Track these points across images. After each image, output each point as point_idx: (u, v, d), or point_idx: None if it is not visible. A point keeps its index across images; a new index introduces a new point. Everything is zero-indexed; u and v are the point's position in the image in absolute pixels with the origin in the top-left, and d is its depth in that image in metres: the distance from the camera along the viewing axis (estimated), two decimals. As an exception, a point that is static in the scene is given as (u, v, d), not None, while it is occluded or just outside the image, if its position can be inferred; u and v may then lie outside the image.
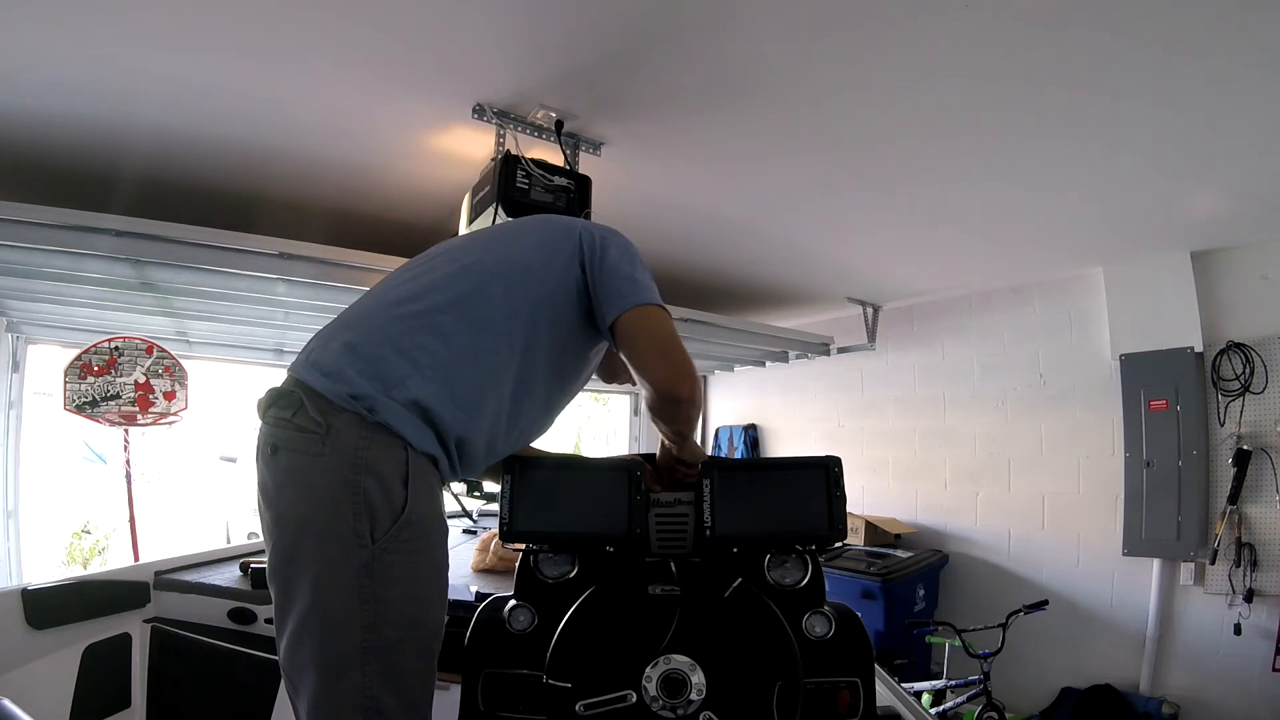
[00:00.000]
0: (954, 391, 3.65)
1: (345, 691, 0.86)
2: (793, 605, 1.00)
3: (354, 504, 0.87)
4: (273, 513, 0.93)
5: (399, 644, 0.89)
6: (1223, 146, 1.90)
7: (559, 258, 1.09)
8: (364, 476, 0.88)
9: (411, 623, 0.90)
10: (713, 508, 1.03)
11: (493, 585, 1.69)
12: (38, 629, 1.61)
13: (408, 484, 0.90)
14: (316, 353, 0.99)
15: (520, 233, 1.18)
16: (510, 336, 1.02)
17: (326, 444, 0.89)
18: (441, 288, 1.04)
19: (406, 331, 0.98)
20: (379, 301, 1.06)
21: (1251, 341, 2.60)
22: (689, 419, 1.09)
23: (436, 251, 1.16)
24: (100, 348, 2.87)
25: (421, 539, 0.92)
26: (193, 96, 1.71)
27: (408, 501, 0.89)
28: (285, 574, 0.90)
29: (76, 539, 4.94)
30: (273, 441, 0.94)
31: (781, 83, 1.61)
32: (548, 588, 1.03)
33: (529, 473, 1.07)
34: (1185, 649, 2.74)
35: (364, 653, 0.86)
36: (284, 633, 0.90)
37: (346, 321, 1.04)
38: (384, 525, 0.88)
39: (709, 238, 2.75)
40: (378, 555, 0.87)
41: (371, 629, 0.87)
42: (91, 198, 2.07)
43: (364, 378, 0.92)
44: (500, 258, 1.09)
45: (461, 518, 2.56)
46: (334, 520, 0.87)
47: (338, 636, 0.86)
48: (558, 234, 1.14)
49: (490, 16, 1.39)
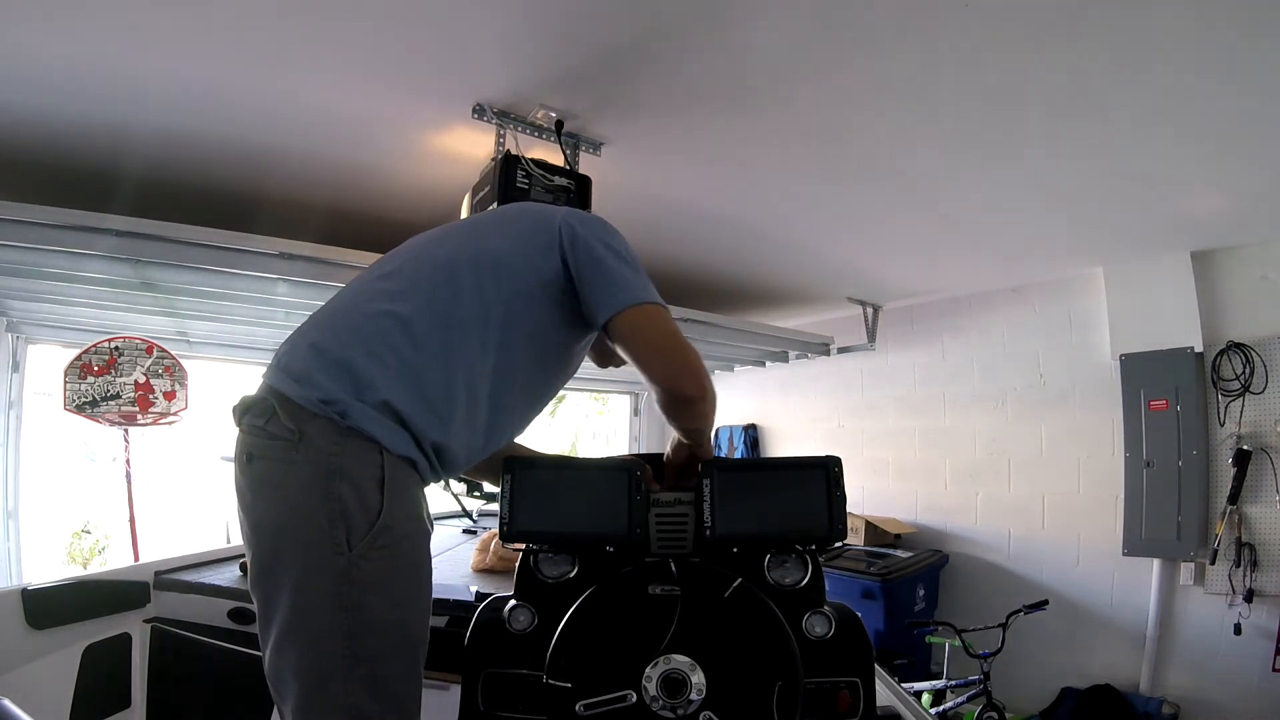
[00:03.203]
0: (954, 391, 3.65)
1: (328, 701, 0.84)
2: (793, 605, 0.99)
3: (329, 511, 0.85)
4: (250, 521, 0.92)
5: (380, 651, 0.87)
6: (1223, 146, 1.90)
7: (536, 248, 1.04)
8: (339, 483, 0.86)
9: (393, 629, 0.88)
10: (713, 508, 1.03)
11: (493, 585, 1.69)
12: (38, 629, 1.60)
13: (384, 489, 0.88)
14: (286, 357, 0.96)
15: (496, 222, 1.13)
16: (483, 334, 0.98)
17: (300, 451, 0.87)
18: (411, 284, 1.00)
19: (376, 332, 0.95)
20: (351, 299, 1.03)
21: (1251, 341, 2.61)
22: (704, 415, 1.04)
23: (412, 244, 1.11)
24: (100, 348, 2.87)
25: (400, 544, 0.90)
26: (193, 96, 1.71)
27: (384, 507, 0.87)
28: (265, 583, 0.89)
29: (76, 539, 4.94)
30: (248, 450, 0.93)
31: (782, 82, 1.61)
32: (548, 588, 1.03)
33: (529, 473, 1.07)
34: (1185, 649, 2.74)
35: (345, 661, 0.84)
36: (267, 641, 0.88)
37: (316, 321, 1.01)
38: (360, 531, 0.86)
39: (709, 237, 2.75)
40: (355, 562, 0.85)
41: (352, 637, 0.85)
42: (92, 198, 2.07)
43: (333, 382, 0.90)
44: (473, 250, 1.04)
45: (460, 518, 2.58)
46: (310, 528, 0.86)
47: (319, 645, 0.85)
48: (536, 223, 1.08)
49: (490, 16, 1.39)
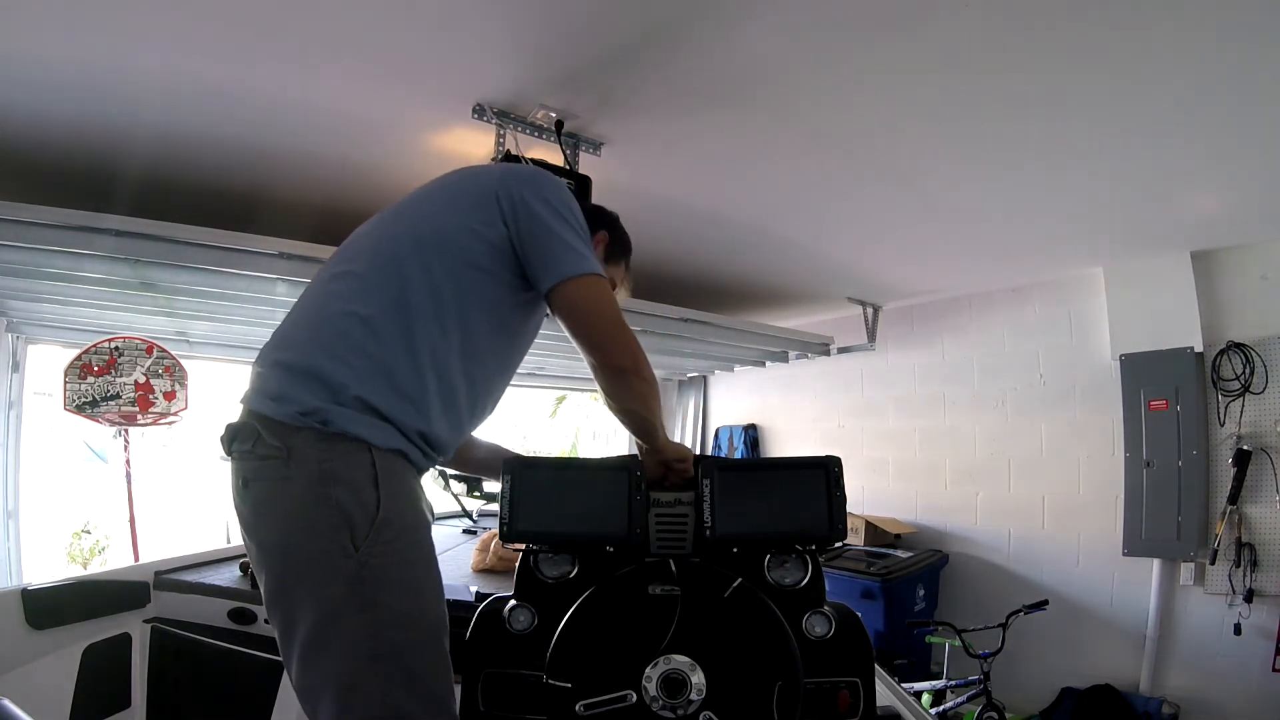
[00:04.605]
0: (954, 391, 3.65)
1: (365, 703, 0.84)
2: (793, 605, 0.99)
3: (329, 517, 0.86)
4: (256, 544, 0.93)
5: (408, 644, 0.88)
6: (1222, 146, 1.90)
7: (476, 217, 1.02)
8: (333, 488, 0.87)
9: (414, 619, 0.89)
10: (713, 508, 1.03)
11: (493, 585, 1.69)
12: (38, 629, 1.60)
13: (378, 485, 0.89)
14: (258, 379, 0.97)
15: (432, 195, 1.10)
16: (440, 314, 0.97)
17: (290, 466, 0.88)
18: (362, 280, 0.99)
19: (337, 335, 0.95)
20: (308, 306, 1.03)
21: (1251, 341, 2.61)
22: (641, 396, 1.03)
23: (358, 235, 1.10)
24: (100, 348, 2.87)
25: (404, 536, 0.91)
26: (193, 96, 1.71)
27: (380, 501, 0.88)
28: (282, 602, 0.89)
29: (76, 539, 4.94)
30: (242, 475, 0.94)
31: (782, 83, 1.61)
32: (548, 588, 1.03)
33: (529, 473, 1.06)
34: (1185, 649, 2.74)
35: (375, 660, 0.85)
36: (292, 657, 0.88)
37: (280, 336, 1.02)
38: (363, 531, 0.87)
39: (709, 238, 2.75)
40: (364, 562, 0.86)
41: (376, 636, 0.85)
42: (92, 198, 2.07)
43: (308, 392, 0.91)
44: (413, 233, 1.02)
45: (460, 518, 2.58)
46: (314, 538, 0.86)
47: (347, 651, 0.85)
48: (473, 191, 1.06)
49: (490, 16, 1.39)
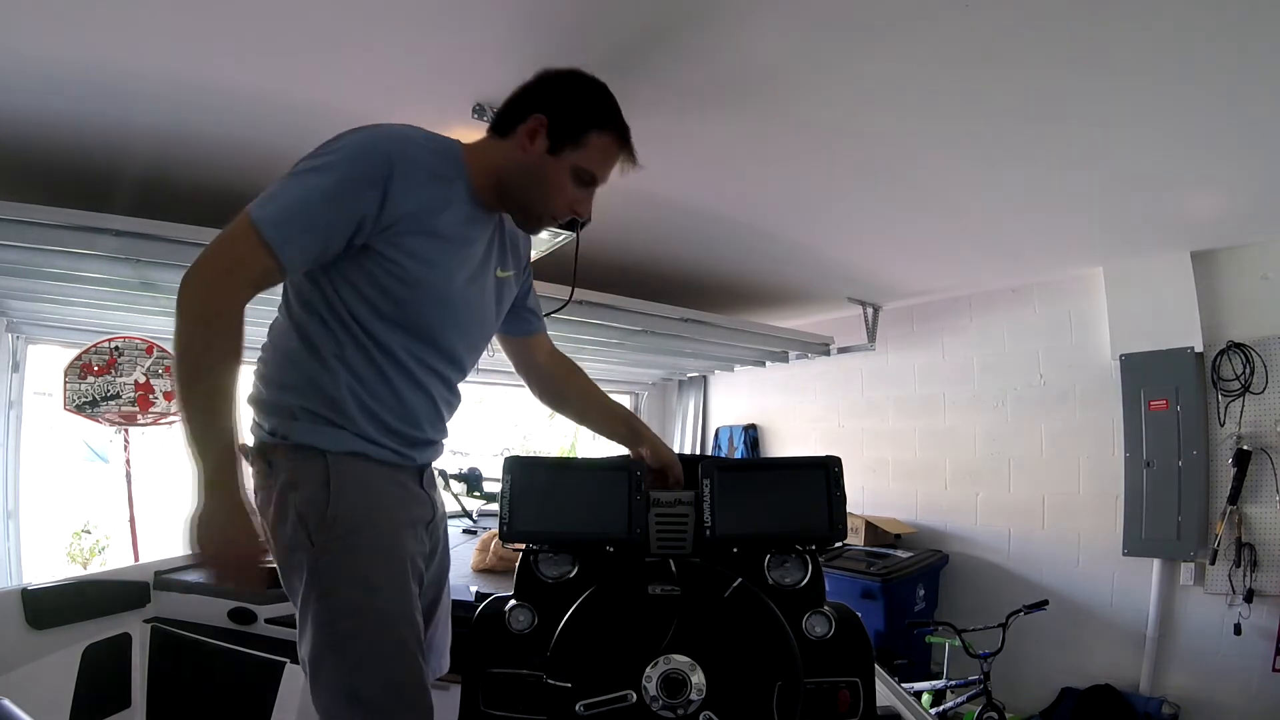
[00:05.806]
0: (954, 391, 3.65)
1: (327, 682, 0.92)
2: (793, 605, 1.00)
3: (291, 518, 0.94)
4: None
5: (360, 632, 0.92)
6: (1222, 146, 1.90)
7: None
8: (290, 493, 0.94)
9: (368, 613, 0.93)
10: (713, 508, 1.03)
11: (493, 585, 1.69)
12: (38, 629, 1.61)
13: (329, 486, 0.94)
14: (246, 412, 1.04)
15: None
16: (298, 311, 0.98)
17: (271, 478, 0.96)
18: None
19: (260, 360, 1.03)
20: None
21: (1251, 341, 2.60)
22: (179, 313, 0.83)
23: None
24: (100, 348, 2.88)
25: (355, 534, 0.94)
26: (193, 96, 1.71)
27: (330, 502, 0.93)
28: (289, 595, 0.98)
29: (76, 539, 4.94)
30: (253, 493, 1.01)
31: (782, 83, 1.61)
32: (548, 588, 1.03)
33: (529, 473, 1.07)
34: (1185, 649, 2.73)
35: (332, 644, 0.91)
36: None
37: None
38: (315, 527, 0.93)
39: (709, 237, 2.75)
40: (318, 556, 0.92)
41: (334, 623, 0.92)
42: (92, 198, 2.07)
43: (263, 414, 0.99)
44: None
45: (460, 518, 2.58)
46: (283, 537, 0.94)
47: (314, 634, 0.93)
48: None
49: (490, 16, 1.39)
